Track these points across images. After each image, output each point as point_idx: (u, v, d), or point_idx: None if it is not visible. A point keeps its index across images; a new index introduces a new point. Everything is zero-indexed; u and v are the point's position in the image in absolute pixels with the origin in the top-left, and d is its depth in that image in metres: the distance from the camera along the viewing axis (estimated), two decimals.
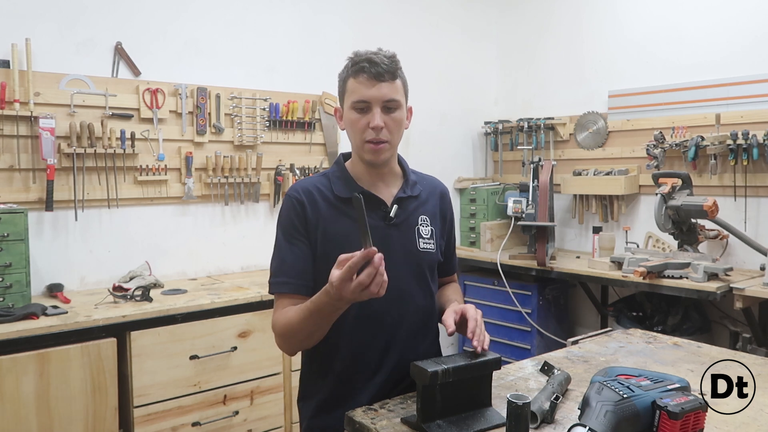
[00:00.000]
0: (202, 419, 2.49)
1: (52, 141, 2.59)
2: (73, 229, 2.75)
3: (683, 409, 1.12)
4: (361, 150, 1.48)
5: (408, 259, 1.51)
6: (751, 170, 3.12)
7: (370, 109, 1.43)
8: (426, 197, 1.60)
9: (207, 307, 2.52)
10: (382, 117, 1.43)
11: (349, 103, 1.46)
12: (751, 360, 1.69)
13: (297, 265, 1.45)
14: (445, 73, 4.16)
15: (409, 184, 1.57)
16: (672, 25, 3.47)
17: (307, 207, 1.47)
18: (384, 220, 1.50)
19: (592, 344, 1.86)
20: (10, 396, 2.07)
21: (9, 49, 2.54)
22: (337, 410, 1.43)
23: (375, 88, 1.42)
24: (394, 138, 1.48)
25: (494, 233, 3.93)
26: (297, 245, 1.46)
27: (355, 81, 1.44)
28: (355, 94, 1.44)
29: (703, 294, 2.78)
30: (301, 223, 1.47)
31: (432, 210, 1.60)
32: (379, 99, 1.43)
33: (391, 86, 1.44)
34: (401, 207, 1.52)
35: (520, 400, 1.12)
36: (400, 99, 1.47)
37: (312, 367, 1.56)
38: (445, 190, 1.68)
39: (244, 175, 3.19)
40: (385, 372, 1.50)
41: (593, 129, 3.83)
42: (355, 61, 1.45)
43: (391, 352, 1.50)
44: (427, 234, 1.55)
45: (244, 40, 3.22)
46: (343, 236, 1.44)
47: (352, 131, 1.48)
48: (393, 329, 1.50)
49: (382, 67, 1.42)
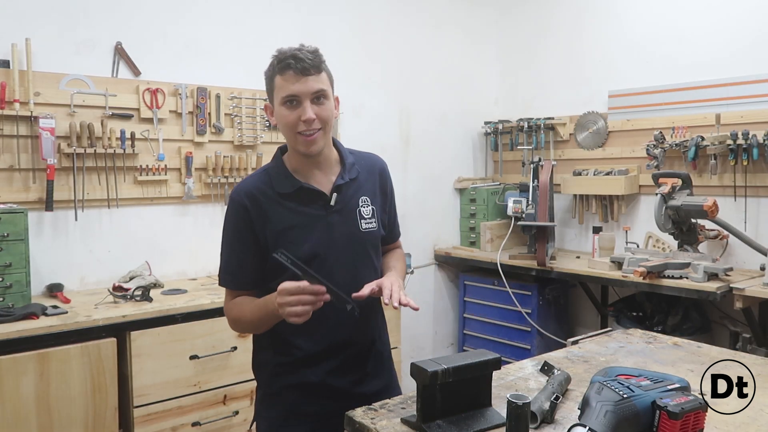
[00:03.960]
0: (202, 419, 2.49)
1: (52, 141, 2.59)
2: (73, 229, 2.75)
3: (683, 409, 1.12)
4: (295, 143, 1.53)
5: (352, 242, 1.58)
6: (751, 170, 3.12)
7: (300, 102, 1.48)
8: (365, 177, 1.65)
9: (207, 307, 2.52)
10: (312, 108, 1.48)
11: (278, 99, 1.51)
12: (751, 360, 1.69)
13: (239, 263, 1.58)
14: (445, 73, 4.16)
15: (347, 168, 1.61)
16: (672, 25, 3.47)
17: (251, 211, 1.54)
18: (325, 210, 1.56)
19: (592, 344, 1.86)
20: (10, 396, 2.07)
21: (9, 49, 2.54)
22: (296, 376, 1.56)
23: (301, 83, 1.47)
24: (326, 127, 1.53)
25: (494, 233, 3.93)
26: (240, 246, 1.57)
27: (282, 78, 1.49)
28: (283, 89, 1.49)
29: (703, 294, 2.78)
30: (246, 227, 1.55)
31: (372, 189, 1.65)
32: (308, 92, 1.48)
33: (318, 78, 1.49)
34: (341, 193, 1.58)
35: (520, 400, 1.12)
36: (327, 89, 1.52)
37: (268, 339, 1.63)
38: (383, 165, 1.72)
39: (244, 175, 3.19)
40: (340, 350, 1.57)
41: (593, 129, 3.83)
42: (280, 59, 1.50)
43: (342, 330, 1.57)
44: (368, 214, 1.61)
45: (244, 40, 3.22)
46: (288, 229, 1.53)
47: (284, 126, 1.53)
48: (344, 309, 1.52)
49: (307, 62, 1.47)
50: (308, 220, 1.53)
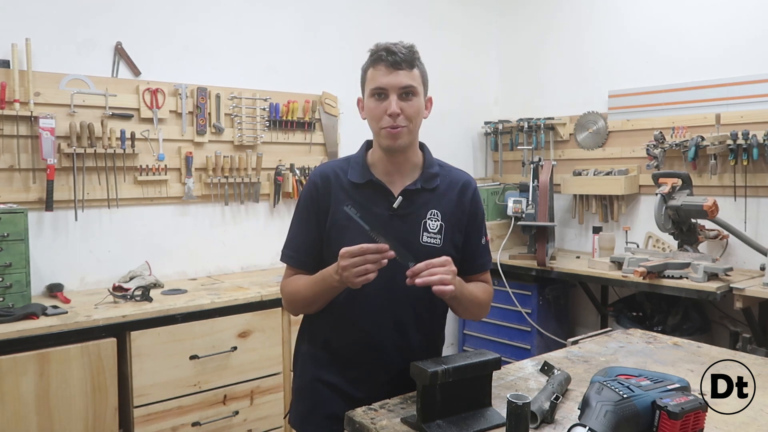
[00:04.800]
0: (202, 419, 2.49)
1: (52, 141, 2.58)
2: (73, 229, 2.75)
3: (683, 409, 1.12)
4: (379, 136, 1.51)
5: (407, 247, 1.46)
6: (751, 170, 3.12)
7: (387, 96, 1.47)
8: (444, 191, 1.58)
9: (207, 307, 2.52)
10: (398, 103, 1.46)
11: (368, 92, 1.51)
12: (751, 360, 1.69)
13: (302, 242, 1.57)
14: (445, 73, 4.15)
15: (425, 176, 1.56)
16: (672, 25, 3.47)
17: (320, 191, 1.55)
18: (388, 210, 1.52)
19: (592, 344, 1.86)
20: (10, 396, 2.07)
21: (9, 49, 2.54)
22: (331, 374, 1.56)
23: (392, 76, 1.46)
24: (412, 124, 1.50)
25: (494, 233, 3.93)
26: (306, 225, 1.56)
27: (374, 70, 1.49)
28: (373, 81, 1.48)
29: (703, 294, 2.78)
30: (313, 206, 1.55)
31: (447, 204, 1.57)
32: (396, 86, 1.46)
33: (409, 74, 1.48)
34: (410, 199, 1.53)
35: (520, 400, 1.12)
36: (417, 86, 1.50)
37: (310, 331, 1.64)
38: (467, 182, 1.62)
39: (244, 175, 3.19)
40: (377, 353, 1.53)
41: (593, 129, 3.83)
42: (374, 51, 1.50)
43: (381, 333, 1.52)
44: (434, 228, 1.53)
45: (244, 40, 3.22)
46: (346, 219, 1.45)
47: (370, 118, 1.52)
48: (382, 312, 1.51)
49: (399, 56, 1.46)
50: (368, 215, 1.44)
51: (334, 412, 1.51)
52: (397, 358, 1.51)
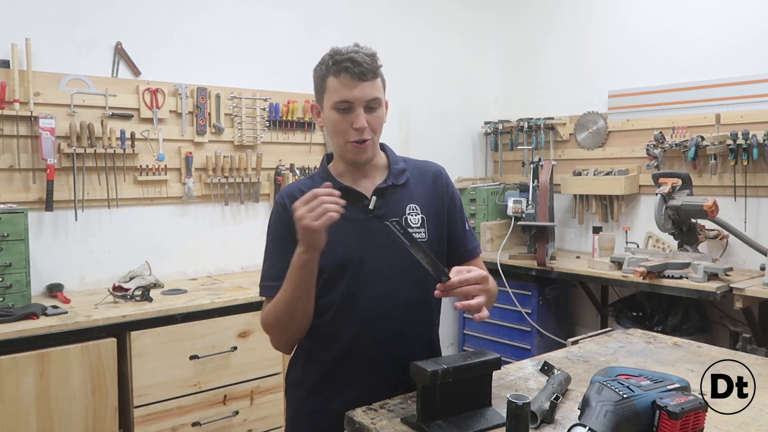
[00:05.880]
0: (202, 419, 2.49)
1: (52, 141, 2.58)
2: (73, 229, 2.75)
3: (683, 409, 1.12)
4: (344, 150, 1.46)
5: (393, 251, 1.41)
6: (751, 170, 3.12)
7: (352, 109, 1.40)
8: (416, 184, 1.54)
9: (207, 307, 2.52)
10: (365, 117, 1.41)
11: (330, 103, 1.42)
12: (751, 360, 1.69)
13: (281, 269, 1.43)
14: (445, 73, 4.16)
15: (393, 173, 1.52)
16: (672, 25, 3.47)
17: (289, 211, 1.43)
18: (366, 213, 1.47)
19: (592, 344, 1.86)
20: (10, 396, 2.07)
21: (9, 49, 2.54)
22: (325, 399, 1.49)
23: (358, 89, 1.39)
24: (376, 136, 1.46)
25: (494, 233, 3.93)
26: (282, 251, 1.46)
27: (337, 80, 1.40)
28: (337, 94, 1.40)
29: (703, 294, 2.78)
30: (284, 228, 1.47)
31: (424, 196, 1.53)
32: (362, 99, 1.40)
33: (373, 85, 1.41)
34: (384, 197, 1.49)
35: (520, 400, 1.12)
36: (381, 97, 1.44)
37: (299, 353, 1.58)
38: (438, 171, 1.59)
39: (244, 175, 3.19)
40: (377, 369, 1.48)
41: (593, 129, 3.83)
42: (337, 60, 1.40)
43: (380, 347, 1.48)
44: (416, 223, 1.50)
45: (244, 40, 3.22)
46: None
47: (334, 132, 1.45)
48: (380, 323, 1.47)
49: (365, 66, 1.39)
50: (345, 223, 1.38)
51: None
52: (398, 371, 1.45)
